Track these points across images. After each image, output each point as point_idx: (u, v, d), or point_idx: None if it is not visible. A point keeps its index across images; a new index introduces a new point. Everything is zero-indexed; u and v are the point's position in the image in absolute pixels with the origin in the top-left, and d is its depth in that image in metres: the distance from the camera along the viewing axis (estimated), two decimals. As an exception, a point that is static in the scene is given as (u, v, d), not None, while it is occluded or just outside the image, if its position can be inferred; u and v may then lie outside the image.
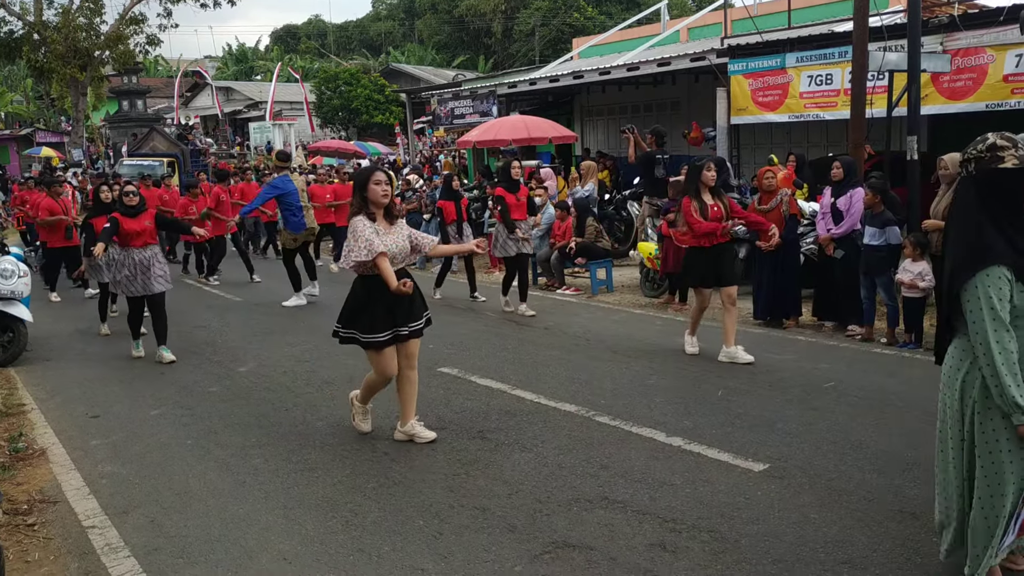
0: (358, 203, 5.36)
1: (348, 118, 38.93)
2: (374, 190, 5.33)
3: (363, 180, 5.39)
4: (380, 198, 5.34)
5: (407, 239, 5.50)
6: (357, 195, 5.39)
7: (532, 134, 16.21)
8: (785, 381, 6.70)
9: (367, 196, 5.35)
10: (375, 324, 5.32)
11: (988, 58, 10.83)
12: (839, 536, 4.02)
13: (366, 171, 5.54)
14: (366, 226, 5.25)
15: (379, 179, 5.36)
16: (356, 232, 5.23)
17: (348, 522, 4.40)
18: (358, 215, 5.32)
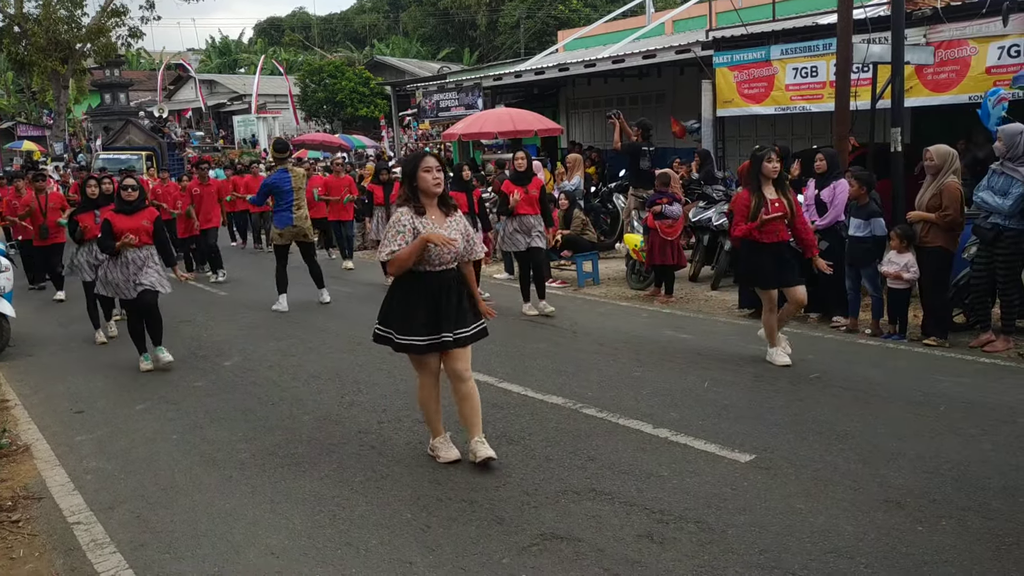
0: (406, 193, 4.78)
1: (333, 111, 38.76)
2: (424, 178, 4.72)
3: (412, 167, 4.78)
4: (432, 187, 4.72)
5: (463, 236, 4.86)
6: (405, 184, 4.80)
7: (517, 127, 16.17)
8: (771, 372, 6.73)
9: (417, 185, 4.74)
10: (414, 326, 4.75)
11: (971, 50, 10.88)
12: (825, 526, 4.04)
13: (414, 157, 4.88)
14: (404, 220, 4.69)
15: (429, 165, 4.74)
16: (391, 225, 4.73)
17: (335, 516, 4.39)
18: (403, 206, 4.76)
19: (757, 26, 14.04)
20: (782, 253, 6.86)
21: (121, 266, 7.50)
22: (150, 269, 7.57)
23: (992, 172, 7.09)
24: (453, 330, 4.78)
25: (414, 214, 4.72)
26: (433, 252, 4.68)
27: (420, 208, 4.74)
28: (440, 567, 3.81)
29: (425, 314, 4.74)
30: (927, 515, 4.09)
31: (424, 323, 4.74)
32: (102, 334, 9.03)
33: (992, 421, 5.39)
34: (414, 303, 4.77)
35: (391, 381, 6.88)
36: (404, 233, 4.67)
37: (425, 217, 4.72)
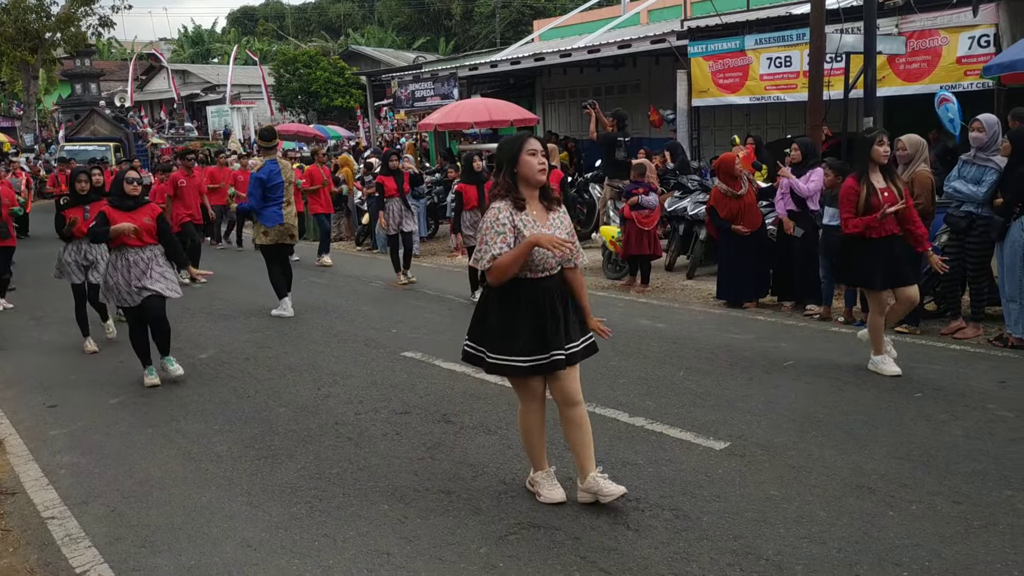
0: (505, 184, 4.04)
1: (308, 101, 38.53)
2: (528, 164, 3.98)
3: (513, 151, 4.03)
4: (537, 174, 4.00)
5: (568, 236, 4.13)
6: (505, 173, 4.04)
7: (493, 117, 16.17)
8: (745, 360, 6.79)
9: (518, 172, 4.01)
10: (515, 345, 4.02)
11: (942, 40, 11.01)
12: (799, 512, 4.10)
13: (515, 139, 4.08)
14: (503, 217, 3.95)
15: (534, 147, 4.01)
16: (488, 224, 3.98)
17: (312, 508, 4.39)
18: (501, 200, 4.01)
19: (731, 16, 14.11)
20: (893, 248, 6.15)
21: (122, 268, 6.66)
22: (155, 272, 6.74)
23: (963, 162, 7.17)
24: (564, 346, 4.05)
25: (514, 209, 3.98)
26: (538, 257, 3.97)
27: (521, 202, 3.99)
28: (418, 558, 3.82)
29: (529, 330, 4.00)
30: (898, 500, 4.16)
31: (527, 341, 4.01)
32: (91, 342, 8.17)
33: (962, 407, 5.47)
34: (515, 317, 4.02)
35: (367, 373, 6.88)
36: (505, 234, 3.92)
37: (526, 213, 3.99)
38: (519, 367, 4.04)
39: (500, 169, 4.08)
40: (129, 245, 6.63)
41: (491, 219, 3.98)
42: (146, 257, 6.70)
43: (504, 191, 4.03)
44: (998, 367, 6.38)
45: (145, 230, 6.67)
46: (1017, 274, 6.74)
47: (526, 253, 3.92)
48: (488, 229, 3.97)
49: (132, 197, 6.73)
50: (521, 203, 4.00)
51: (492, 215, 3.98)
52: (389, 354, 7.45)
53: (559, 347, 4.01)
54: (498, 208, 3.98)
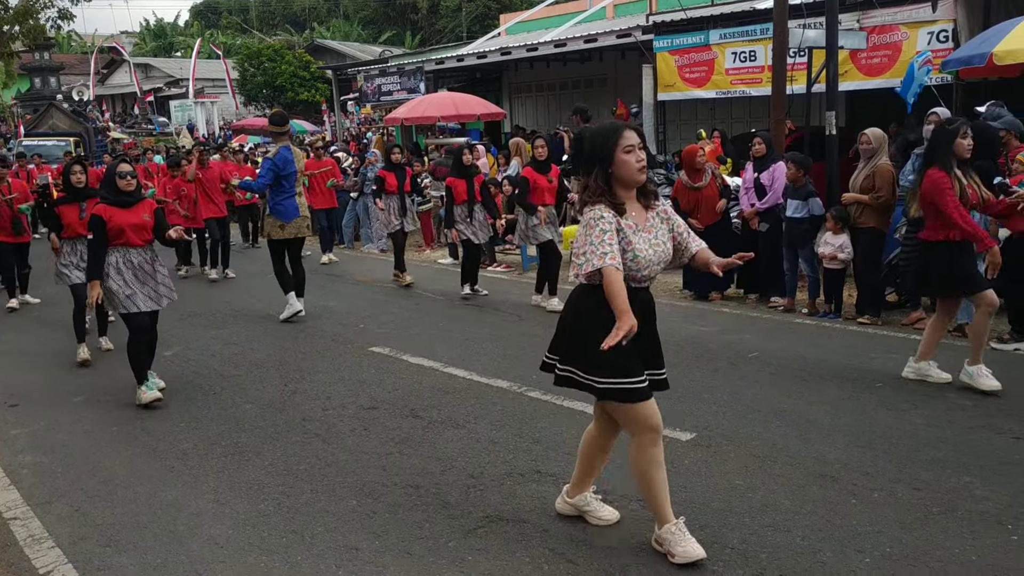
0: (598, 189, 3.48)
1: (273, 95, 38.09)
2: (626, 163, 3.44)
3: (606, 149, 3.45)
4: (636, 175, 3.46)
5: (670, 235, 3.67)
6: (597, 175, 3.49)
7: (460, 111, 16.15)
8: (711, 352, 6.86)
9: (614, 173, 3.48)
10: (630, 363, 3.48)
11: (902, 35, 11.16)
12: (763, 501, 4.15)
13: (606, 134, 3.49)
14: (608, 215, 3.43)
15: (631, 142, 3.44)
16: (591, 222, 3.45)
17: (280, 504, 4.37)
18: (598, 203, 3.46)
19: (696, 11, 14.19)
20: (965, 250, 5.63)
21: (128, 271, 6.09)
22: (161, 274, 6.30)
23: (917, 156, 7.29)
24: (661, 362, 3.69)
25: (614, 212, 3.46)
26: (643, 261, 3.50)
27: (620, 205, 3.47)
28: (386, 552, 3.82)
29: (638, 345, 3.48)
30: (860, 488, 4.23)
31: (639, 357, 3.52)
32: (85, 350, 7.50)
33: (922, 396, 5.58)
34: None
35: (335, 368, 6.85)
36: (611, 232, 3.41)
37: (626, 216, 3.48)
38: (641, 389, 3.46)
39: (587, 168, 3.50)
40: (132, 245, 6.13)
41: (594, 219, 3.42)
42: (149, 257, 6.26)
43: (597, 196, 3.46)
44: (957, 356, 6.48)
45: (146, 226, 6.21)
46: (973, 266, 6.85)
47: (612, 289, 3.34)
48: (592, 228, 3.41)
49: (127, 193, 6.16)
50: (621, 206, 3.46)
51: (595, 215, 3.43)
52: (356, 349, 7.42)
53: (658, 367, 3.66)
54: (600, 210, 3.43)
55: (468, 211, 9.49)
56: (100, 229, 6.04)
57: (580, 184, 3.55)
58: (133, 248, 6.14)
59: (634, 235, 3.48)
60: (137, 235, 6.12)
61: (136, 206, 6.19)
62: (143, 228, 6.16)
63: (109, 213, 6.06)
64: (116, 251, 6.11)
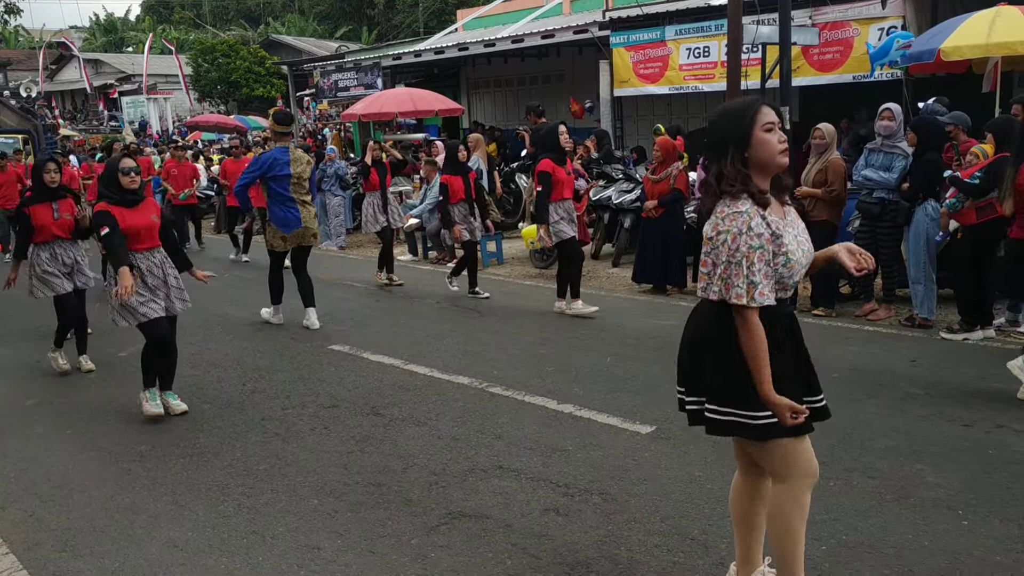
0: (737, 175, 2.80)
1: (227, 91, 37.63)
2: (766, 143, 2.80)
3: (741, 127, 2.82)
4: (778, 157, 2.82)
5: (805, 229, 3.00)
6: (732, 158, 2.81)
7: (418, 107, 16.10)
8: (669, 346, 6.85)
9: (751, 156, 2.82)
10: (789, 390, 2.85)
11: (853, 32, 11.36)
12: (722, 491, 4.20)
13: (740, 111, 2.85)
14: (757, 225, 2.74)
15: (770, 121, 2.82)
16: (735, 237, 2.72)
17: (240, 505, 4.33)
18: (739, 195, 2.78)
19: (652, 7, 14.31)
20: None
21: (135, 280, 5.49)
22: (173, 278, 5.79)
23: (869, 151, 7.44)
24: (819, 385, 3.10)
25: (758, 207, 2.80)
26: (796, 265, 2.85)
27: (764, 195, 2.81)
28: (348, 551, 3.81)
29: (793, 370, 2.97)
30: (816, 477, 4.30)
31: (793, 385, 2.92)
32: (63, 358, 7.02)
33: (875, 386, 5.69)
34: (774, 356, 2.83)
35: (294, 367, 6.80)
36: (763, 248, 2.74)
37: (770, 211, 2.82)
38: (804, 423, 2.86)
39: (718, 152, 2.87)
40: (140, 249, 5.57)
41: (742, 229, 2.72)
42: (159, 261, 5.68)
43: (739, 183, 2.80)
44: (909, 346, 6.65)
45: (154, 229, 5.67)
46: (922, 257, 7.03)
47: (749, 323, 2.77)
48: (736, 239, 2.73)
49: (132, 191, 5.57)
50: (765, 199, 2.80)
51: (740, 223, 2.73)
52: (316, 348, 7.38)
53: (815, 393, 3.05)
54: (746, 213, 2.73)
55: (468, 209, 9.12)
56: (114, 222, 5.44)
57: (712, 172, 2.87)
58: (139, 253, 5.58)
59: (784, 232, 2.81)
60: (145, 238, 5.58)
61: (141, 205, 5.64)
62: (150, 230, 5.62)
63: (116, 214, 5.49)
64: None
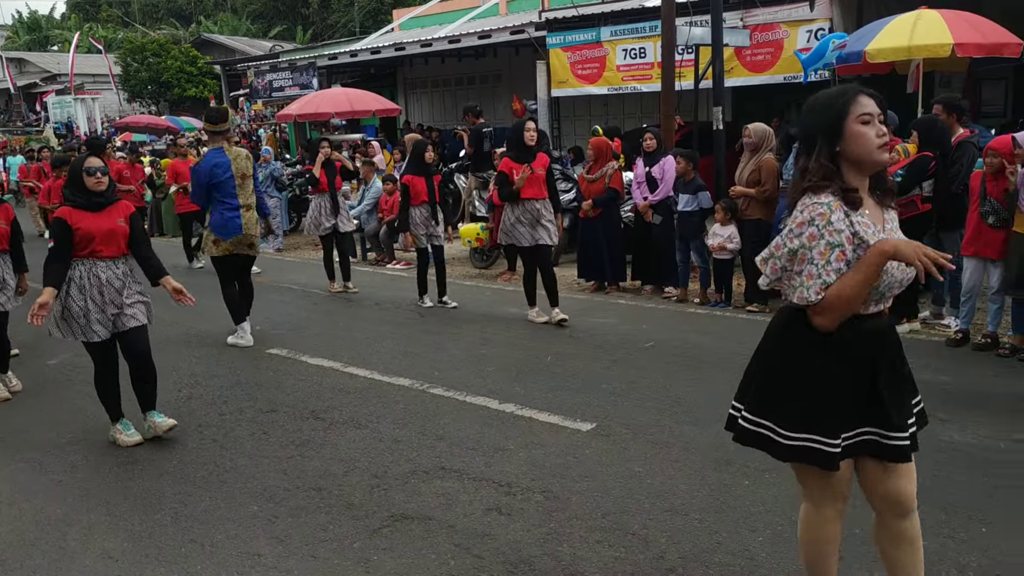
0: (823, 170, 2.55)
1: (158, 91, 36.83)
2: (863, 136, 2.51)
3: (832, 117, 2.54)
4: (875, 153, 2.52)
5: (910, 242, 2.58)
6: (820, 151, 2.56)
7: (355, 107, 15.97)
8: (609, 343, 7.01)
9: (843, 151, 2.55)
10: (826, 417, 2.60)
11: (783, 33, 11.62)
12: (662, 486, 4.28)
13: (833, 99, 2.56)
14: (838, 220, 2.49)
15: (868, 111, 2.51)
16: (811, 229, 2.50)
17: (178, 513, 4.25)
18: (824, 189, 2.53)
19: (587, 8, 14.42)
20: None
21: (91, 290, 5.03)
22: (134, 291, 5.23)
23: (797, 150, 7.61)
24: (907, 422, 2.66)
25: (846, 206, 2.52)
26: (885, 280, 2.54)
27: (854, 193, 2.53)
28: (290, 557, 3.77)
29: (848, 395, 2.61)
30: (752, 470, 4.40)
31: (842, 411, 2.62)
32: (12, 381, 6.55)
33: (808, 379, 5.83)
34: (829, 375, 2.60)
35: (231, 372, 6.70)
36: (843, 246, 2.48)
37: (861, 212, 2.53)
38: (832, 452, 2.59)
39: (808, 144, 2.63)
40: (101, 257, 5.08)
41: (817, 221, 2.49)
42: (121, 273, 5.16)
43: (823, 179, 2.54)
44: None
45: (120, 235, 5.13)
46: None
47: (876, 275, 2.49)
48: (812, 238, 2.50)
49: (99, 193, 5.10)
50: (855, 199, 2.52)
51: (817, 215, 2.50)
52: (253, 352, 7.27)
53: (896, 423, 2.62)
54: (826, 206, 2.49)
55: (430, 212, 8.59)
56: (65, 236, 4.98)
57: (799, 167, 2.63)
58: (102, 261, 5.08)
59: (874, 238, 2.50)
60: (108, 245, 5.07)
61: (109, 209, 5.14)
62: (117, 236, 5.10)
63: (76, 218, 5.01)
64: (81, 264, 5.06)
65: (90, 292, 5.03)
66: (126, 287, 5.16)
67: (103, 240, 5.05)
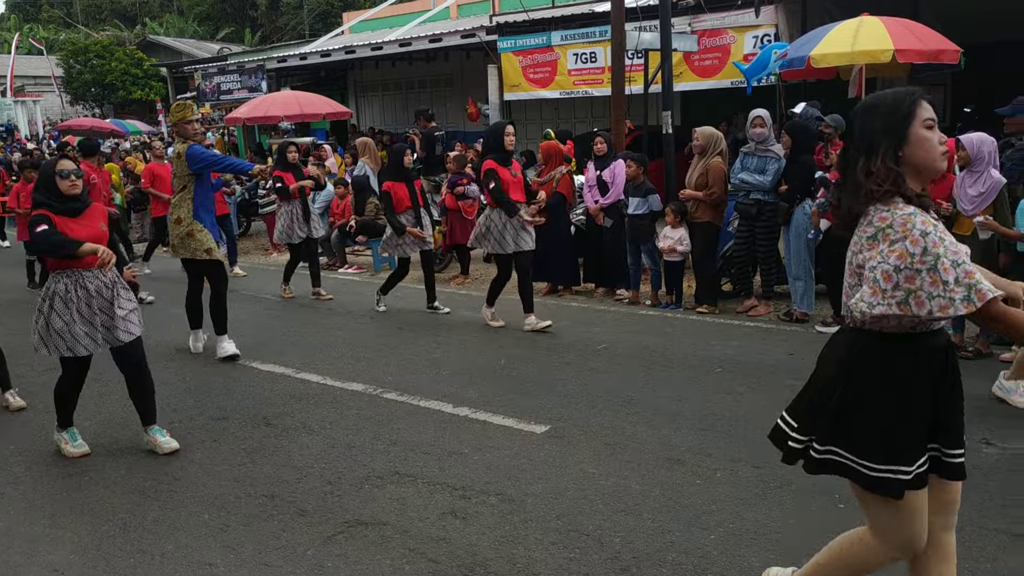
0: (889, 175, 2.41)
1: (102, 94, 36.12)
2: (926, 142, 2.44)
3: (895, 121, 2.45)
4: (938, 161, 2.47)
5: None
6: (883, 156, 2.43)
7: (305, 110, 15.84)
8: (562, 346, 7.05)
9: (906, 156, 2.45)
10: (908, 442, 2.51)
11: (730, 39, 11.81)
12: (615, 487, 4.32)
13: (896, 102, 2.47)
14: (933, 228, 2.35)
15: (931, 115, 2.47)
16: (916, 241, 2.33)
17: (126, 524, 4.18)
18: (891, 199, 2.41)
19: (538, 12, 14.49)
20: None
21: (79, 303, 4.77)
22: (125, 302, 4.94)
23: (744, 155, 7.77)
24: (960, 437, 2.61)
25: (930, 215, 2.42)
26: None
27: (923, 200, 2.45)
28: (242, 566, 3.73)
29: (923, 416, 2.53)
30: (704, 469, 4.47)
31: (920, 434, 2.54)
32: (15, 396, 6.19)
33: (757, 378, 5.94)
34: (908, 398, 2.50)
35: (180, 379, 6.59)
36: (955, 248, 2.35)
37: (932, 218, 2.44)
38: (918, 476, 2.50)
39: (869, 147, 2.47)
40: (84, 266, 4.77)
41: (927, 230, 2.33)
42: (109, 282, 4.87)
43: (889, 184, 2.41)
44: (787, 340, 6.96)
45: (103, 240, 4.83)
46: (802, 255, 7.37)
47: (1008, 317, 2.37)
48: (917, 242, 2.32)
49: (74, 197, 4.81)
50: (925, 203, 2.44)
51: (920, 224, 2.34)
52: (203, 358, 7.17)
53: (960, 441, 2.58)
54: (914, 213, 2.37)
55: (415, 218, 8.38)
56: (52, 228, 4.66)
57: (859, 169, 2.47)
58: (87, 271, 4.78)
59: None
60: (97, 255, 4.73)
61: (87, 213, 4.84)
62: (100, 242, 4.77)
63: (58, 224, 4.71)
64: (66, 275, 4.78)
65: (77, 305, 4.77)
66: (116, 296, 4.89)
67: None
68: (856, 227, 2.51)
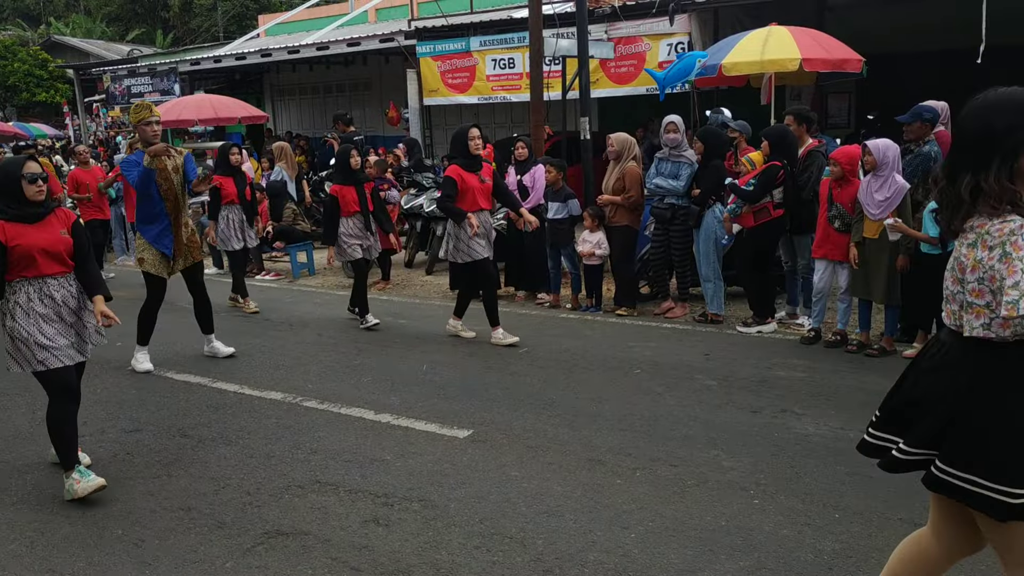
0: (1003, 191, 2.30)
1: (5, 96, 34.67)
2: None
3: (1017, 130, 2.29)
4: None
5: None
6: (997, 169, 2.31)
7: (220, 114, 15.51)
8: (485, 350, 7.07)
9: (1021, 166, 2.31)
10: None
11: (645, 46, 12.03)
12: (538, 489, 4.36)
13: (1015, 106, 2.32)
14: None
15: None
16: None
17: (34, 542, 4.03)
18: (1004, 213, 2.31)
19: (457, 17, 14.51)
20: None
21: (45, 312, 4.45)
22: (87, 313, 4.64)
23: (659, 160, 7.94)
24: None
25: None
26: None
27: None
28: (158, 580, 3.64)
29: None
30: (624, 468, 4.55)
31: None
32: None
33: (674, 379, 6.07)
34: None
35: (91, 391, 6.36)
36: None
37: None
38: None
39: (980, 161, 2.33)
40: (48, 273, 4.46)
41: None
42: (76, 290, 4.57)
43: (1006, 202, 2.30)
44: (703, 341, 7.13)
45: (65, 248, 4.49)
46: (712, 257, 7.57)
47: None
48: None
49: (36, 203, 4.43)
50: None
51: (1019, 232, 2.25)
52: (114, 370, 6.95)
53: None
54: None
55: (364, 222, 8.09)
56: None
57: (965, 184, 2.36)
58: (52, 278, 4.47)
59: None
60: (52, 260, 4.44)
61: (48, 219, 4.49)
62: (61, 248, 4.47)
63: (11, 233, 4.34)
64: (28, 283, 4.42)
65: (45, 315, 4.42)
66: (83, 305, 4.61)
67: (46, 255, 4.41)
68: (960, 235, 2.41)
